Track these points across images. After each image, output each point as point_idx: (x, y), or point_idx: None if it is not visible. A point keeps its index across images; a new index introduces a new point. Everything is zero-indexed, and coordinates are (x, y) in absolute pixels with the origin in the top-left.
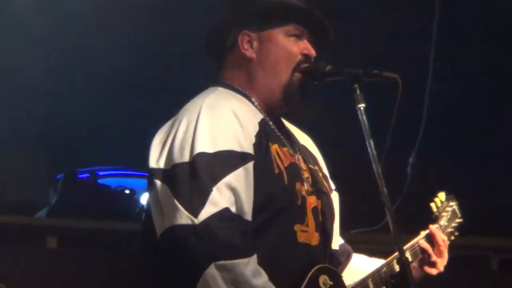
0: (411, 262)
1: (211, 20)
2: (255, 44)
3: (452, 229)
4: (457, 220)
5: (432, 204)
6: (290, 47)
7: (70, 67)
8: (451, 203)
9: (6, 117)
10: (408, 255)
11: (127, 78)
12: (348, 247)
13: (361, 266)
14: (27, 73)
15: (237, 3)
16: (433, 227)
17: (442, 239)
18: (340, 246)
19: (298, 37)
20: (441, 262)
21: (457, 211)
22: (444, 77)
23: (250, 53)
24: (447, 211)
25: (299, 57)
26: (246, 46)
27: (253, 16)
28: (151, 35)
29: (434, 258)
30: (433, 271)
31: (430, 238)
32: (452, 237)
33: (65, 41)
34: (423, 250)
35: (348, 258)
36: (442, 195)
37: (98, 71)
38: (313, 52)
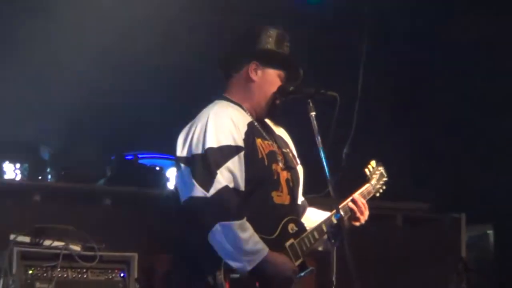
0: (344, 216)
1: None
2: (259, 73)
3: (380, 185)
4: (384, 179)
5: (366, 169)
6: (275, 81)
7: (126, 69)
8: (379, 168)
9: (71, 111)
10: (341, 212)
11: (163, 82)
12: (305, 203)
13: (311, 215)
14: (85, 73)
15: (249, 43)
16: (356, 195)
17: (362, 202)
18: (301, 202)
19: (280, 74)
20: (363, 218)
21: (383, 173)
22: (367, 98)
23: (254, 76)
24: (376, 174)
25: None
26: (251, 71)
27: (259, 55)
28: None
29: (358, 215)
30: (357, 224)
31: (355, 202)
32: (381, 190)
33: (117, 41)
34: (351, 210)
35: (304, 210)
36: (373, 163)
37: (146, 74)
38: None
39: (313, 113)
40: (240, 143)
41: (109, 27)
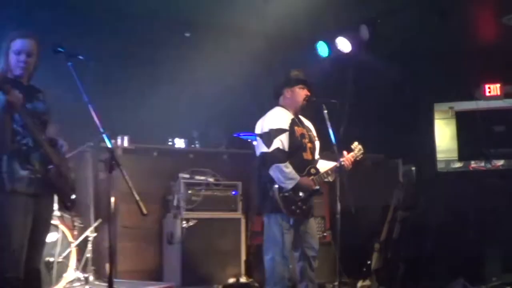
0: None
1: (275, 84)
2: (290, 92)
3: (359, 154)
4: (361, 152)
5: (352, 146)
6: (301, 93)
7: (236, 86)
8: (359, 146)
9: (206, 110)
10: (343, 162)
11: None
12: (318, 158)
13: (320, 163)
14: (212, 88)
15: (284, 79)
16: (348, 155)
17: (351, 160)
18: (317, 158)
19: (303, 89)
20: (349, 167)
21: (361, 148)
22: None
23: (288, 95)
24: (358, 148)
25: (305, 96)
26: (286, 92)
27: (289, 83)
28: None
29: (348, 165)
30: (348, 168)
31: (347, 159)
32: (360, 157)
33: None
34: (346, 163)
35: (317, 161)
36: (356, 143)
37: (246, 90)
38: (309, 94)
39: (325, 111)
40: (287, 127)
41: (226, 61)
